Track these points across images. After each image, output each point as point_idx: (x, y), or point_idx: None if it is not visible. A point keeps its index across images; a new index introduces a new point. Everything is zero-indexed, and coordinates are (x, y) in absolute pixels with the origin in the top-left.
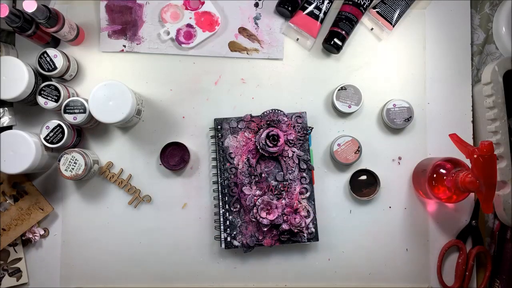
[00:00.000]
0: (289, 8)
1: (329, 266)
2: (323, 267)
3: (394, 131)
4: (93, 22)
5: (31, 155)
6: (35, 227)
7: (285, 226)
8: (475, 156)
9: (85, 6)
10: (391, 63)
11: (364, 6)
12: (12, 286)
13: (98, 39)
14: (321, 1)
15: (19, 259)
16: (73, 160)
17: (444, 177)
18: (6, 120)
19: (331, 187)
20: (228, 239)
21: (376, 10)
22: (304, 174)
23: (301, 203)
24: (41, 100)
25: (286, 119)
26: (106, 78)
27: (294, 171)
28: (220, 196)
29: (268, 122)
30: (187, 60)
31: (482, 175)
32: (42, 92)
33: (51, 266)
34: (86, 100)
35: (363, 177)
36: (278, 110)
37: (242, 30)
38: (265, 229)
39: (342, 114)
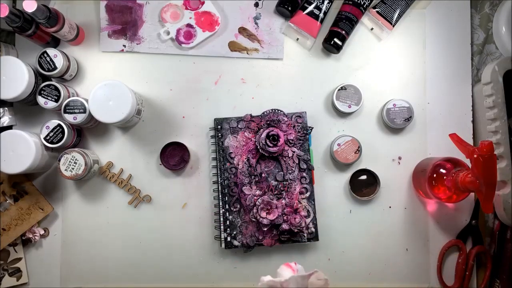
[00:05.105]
0: (289, 8)
1: (329, 266)
2: (323, 267)
3: (394, 131)
4: (93, 22)
5: (31, 155)
6: (35, 227)
7: (285, 226)
8: (475, 156)
9: (85, 6)
10: (391, 63)
11: (364, 6)
12: (12, 286)
13: (98, 39)
14: (321, 1)
15: (19, 259)
16: (73, 160)
17: (444, 177)
18: (6, 120)
19: (331, 187)
20: (228, 239)
21: (376, 10)
22: (304, 174)
23: (301, 203)
24: (41, 100)
25: (286, 119)
26: (106, 78)
27: (294, 171)
28: (220, 196)
29: (268, 122)
30: (187, 60)
31: (482, 175)
32: (42, 92)
33: (51, 266)
34: (86, 100)
35: (363, 177)
36: (278, 110)
37: (242, 30)
38: (265, 229)
39: (342, 114)
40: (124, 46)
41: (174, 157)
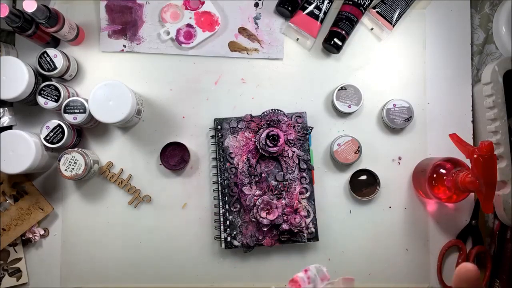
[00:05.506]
0: (289, 8)
1: (329, 266)
2: None
3: (394, 131)
4: (93, 22)
5: (31, 155)
6: (35, 227)
7: (285, 226)
8: (475, 156)
9: (85, 6)
10: (391, 63)
11: (364, 6)
12: (12, 286)
13: (98, 39)
14: (321, 1)
15: (19, 259)
16: (73, 160)
17: (444, 177)
18: (6, 120)
19: (331, 187)
20: (228, 239)
21: (376, 10)
22: (304, 174)
23: (301, 203)
24: (41, 100)
25: (286, 119)
26: (106, 78)
27: (294, 171)
28: (220, 196)
29: (268, 122)
30: (187, 60)
31: (482, 175)
32: (42, 92)
33: (51, 266)
34: (86, 100)
35: (363, 177)
36: (278, 110)
37: (242, 30)
38: (265, 229)
39: (342, 114)
40: (124, 46)
41: (174, 157)
